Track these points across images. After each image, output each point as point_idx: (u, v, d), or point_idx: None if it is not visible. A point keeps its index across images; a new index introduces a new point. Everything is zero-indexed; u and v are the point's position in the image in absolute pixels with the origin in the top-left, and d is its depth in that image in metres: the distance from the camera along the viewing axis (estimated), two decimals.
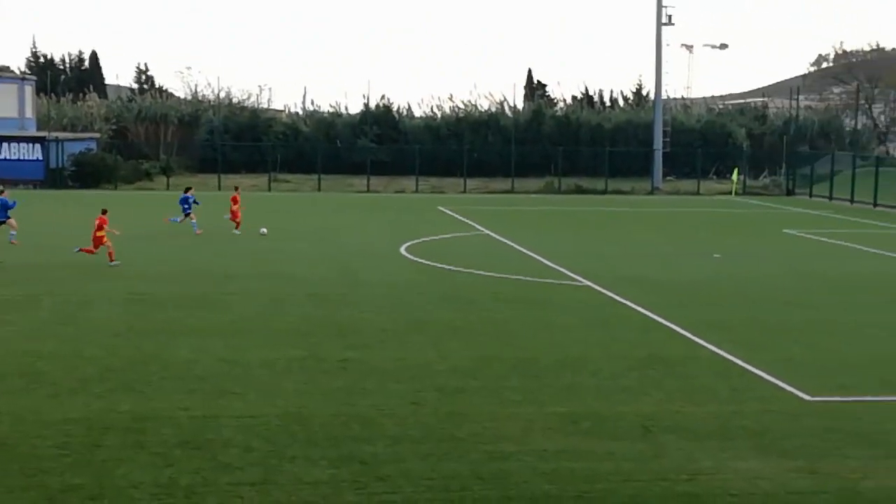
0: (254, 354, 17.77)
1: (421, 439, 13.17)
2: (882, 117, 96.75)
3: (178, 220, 36.60)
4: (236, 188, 40.76)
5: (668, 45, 73.88)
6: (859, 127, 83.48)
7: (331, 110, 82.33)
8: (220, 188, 63.14)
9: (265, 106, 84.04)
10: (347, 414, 14.23)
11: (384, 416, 14.18)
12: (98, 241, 28.10)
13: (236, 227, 36.63)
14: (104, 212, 28.86)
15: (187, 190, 37.81)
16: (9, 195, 33.35)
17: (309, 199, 56.11)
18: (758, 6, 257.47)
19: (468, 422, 13.92)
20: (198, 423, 13.71)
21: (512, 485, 11.59)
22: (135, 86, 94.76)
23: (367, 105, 79.91)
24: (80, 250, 28.55)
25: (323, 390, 15.50)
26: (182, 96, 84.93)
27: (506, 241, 36.37)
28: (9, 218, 32.09)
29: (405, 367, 17.10)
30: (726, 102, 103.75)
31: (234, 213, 36.86)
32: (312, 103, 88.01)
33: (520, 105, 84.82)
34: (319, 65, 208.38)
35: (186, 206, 36.56)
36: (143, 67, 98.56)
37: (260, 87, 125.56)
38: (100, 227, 28.14)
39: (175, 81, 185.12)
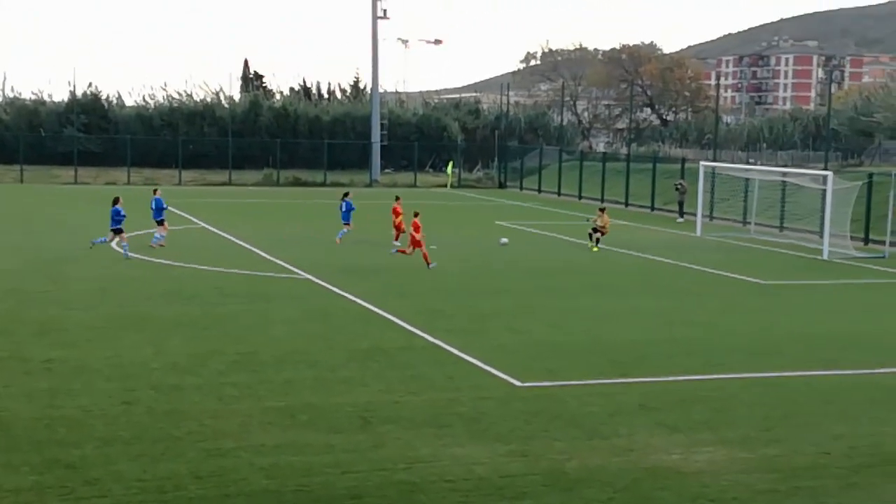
0: None
1: (133, 440, 12.67)
2: (585, 114, 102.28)
3: (345, 230, 33.41)
4: (397, 198, 34.81)
5: (384, 39, 75.19)
6: (565, 123, 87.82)
7: (33, 97, 78.03)
8: None
9: None
10: (52, 416, 13.50)
11: (93, 417, 13.55)
12: (416, 244, 28.37)
13: (396, 238, 33.03)
14: (416, 214, 28.93)
15: (346, 195, 34.28)
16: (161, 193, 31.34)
17: (9, 191, 52.98)
18: (470, 4, 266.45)
19: (185, 420, 13.54)
20: None
21: (230, 482, 11.36)
22: None
23: (73, 93, 76.42)
24: (397, 252, 29.56)
25: (25, 392, 14.65)
26: None
27: (225, 234, 35.73)
28: (164, 220, 30.62)
29: (117, 365, 16.43)
30: (441, 97, 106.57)
31: (398, 227, 33.07)
32: (13, 90, 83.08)
33: (236, 96, 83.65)
34: (19, 50, 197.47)
35: (346, 214, 33.51)
36: None
37: None
38: (416, 230, 28.38)
39: None
